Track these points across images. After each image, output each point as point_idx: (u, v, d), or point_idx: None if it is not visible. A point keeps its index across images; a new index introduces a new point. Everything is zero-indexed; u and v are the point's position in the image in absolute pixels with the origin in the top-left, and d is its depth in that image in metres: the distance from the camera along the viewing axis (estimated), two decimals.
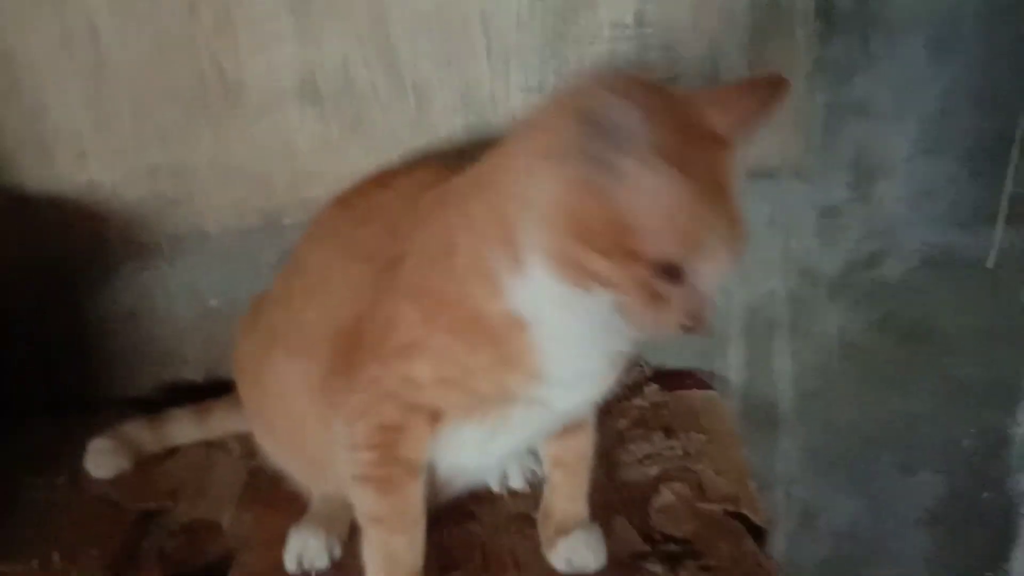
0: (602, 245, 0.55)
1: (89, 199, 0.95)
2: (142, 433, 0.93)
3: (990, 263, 1.05)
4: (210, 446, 0.95)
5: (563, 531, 0.75)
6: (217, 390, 0.96)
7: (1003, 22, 0.94)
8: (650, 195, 0.53)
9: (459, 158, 0.74)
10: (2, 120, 0.92)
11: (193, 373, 1.04)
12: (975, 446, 1.16)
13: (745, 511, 0.84)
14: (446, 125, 0.95)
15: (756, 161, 0.95)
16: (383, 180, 0.79)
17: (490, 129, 0.94)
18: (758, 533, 0.82)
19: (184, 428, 0.94)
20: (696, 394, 1.02)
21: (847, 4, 0.93)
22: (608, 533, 0.78)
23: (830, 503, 1.19)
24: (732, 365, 1.10)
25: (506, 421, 0.69)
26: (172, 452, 0.94)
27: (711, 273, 0.56)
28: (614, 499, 0.83)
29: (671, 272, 0.55)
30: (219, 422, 0.95)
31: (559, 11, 0.91)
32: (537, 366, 0.64)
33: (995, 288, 1.06)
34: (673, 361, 1.06)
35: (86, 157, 0.94)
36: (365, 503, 0.70)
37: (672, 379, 1.04)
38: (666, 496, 0.84)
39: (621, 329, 0.60)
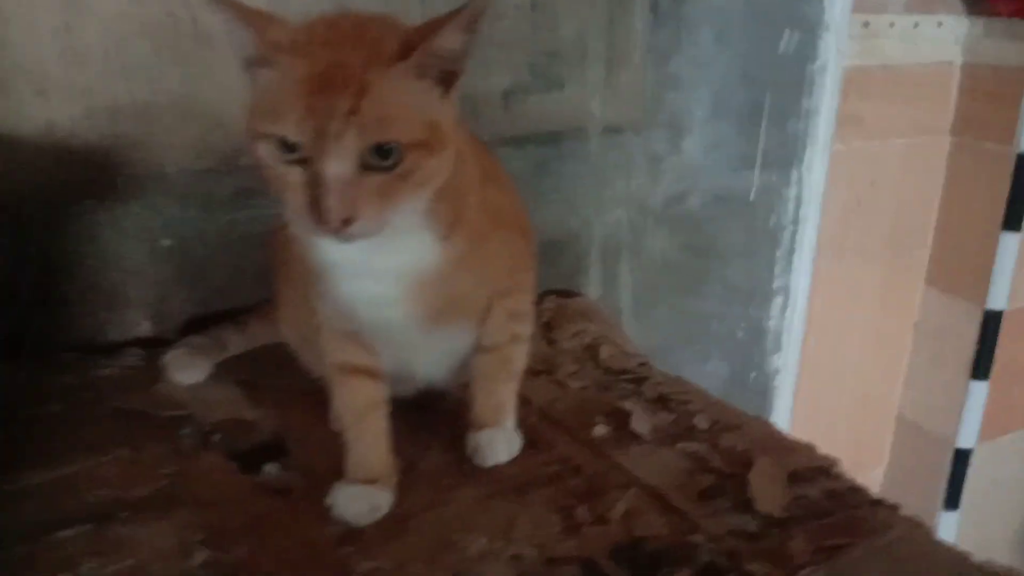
0: (249, 142, 0.63)
1: (47, 139, 0.96)
2: None
3: (751, 198, 1.49)
4: None
5: (475, 427, 0.85)
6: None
7: (759, 24, 1.38)
8: (264, 84, 0.62)
9: None
10: None
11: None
12: (746, 337, 1.59)
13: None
14: None
15: (612, 121, 1.28)
16: None
17: None
18: None
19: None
20: (579, 300, 1.30)
21: (667, 4, 1.29)
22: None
23: None
24: (592, 282, 1.40)
25: (370, 335, 0.77)
26: None
27: (323, 158, 0.58)
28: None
29: (289, 150, 0.60)
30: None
31: None
32: (336, 291, 0.72)
33: (753, 216, 1.50)
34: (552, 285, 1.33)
35: (47, 95, 0.95)
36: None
37: (559, 295, 1.31)
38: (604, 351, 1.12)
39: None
